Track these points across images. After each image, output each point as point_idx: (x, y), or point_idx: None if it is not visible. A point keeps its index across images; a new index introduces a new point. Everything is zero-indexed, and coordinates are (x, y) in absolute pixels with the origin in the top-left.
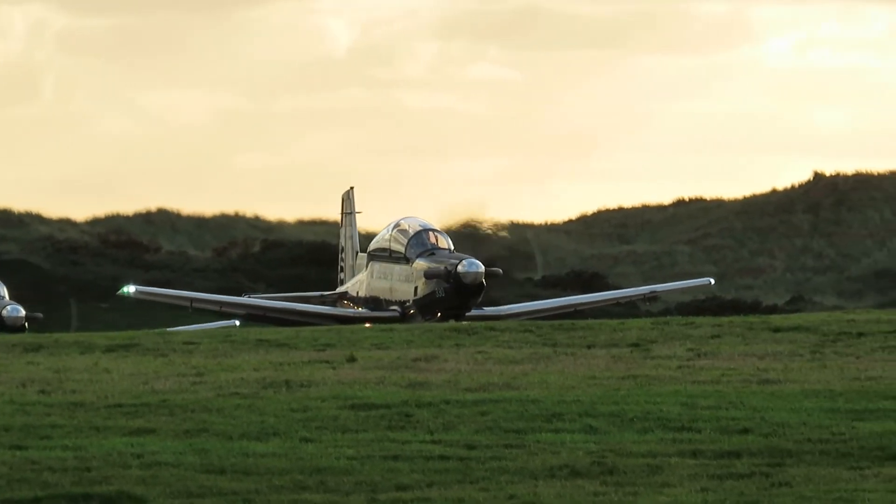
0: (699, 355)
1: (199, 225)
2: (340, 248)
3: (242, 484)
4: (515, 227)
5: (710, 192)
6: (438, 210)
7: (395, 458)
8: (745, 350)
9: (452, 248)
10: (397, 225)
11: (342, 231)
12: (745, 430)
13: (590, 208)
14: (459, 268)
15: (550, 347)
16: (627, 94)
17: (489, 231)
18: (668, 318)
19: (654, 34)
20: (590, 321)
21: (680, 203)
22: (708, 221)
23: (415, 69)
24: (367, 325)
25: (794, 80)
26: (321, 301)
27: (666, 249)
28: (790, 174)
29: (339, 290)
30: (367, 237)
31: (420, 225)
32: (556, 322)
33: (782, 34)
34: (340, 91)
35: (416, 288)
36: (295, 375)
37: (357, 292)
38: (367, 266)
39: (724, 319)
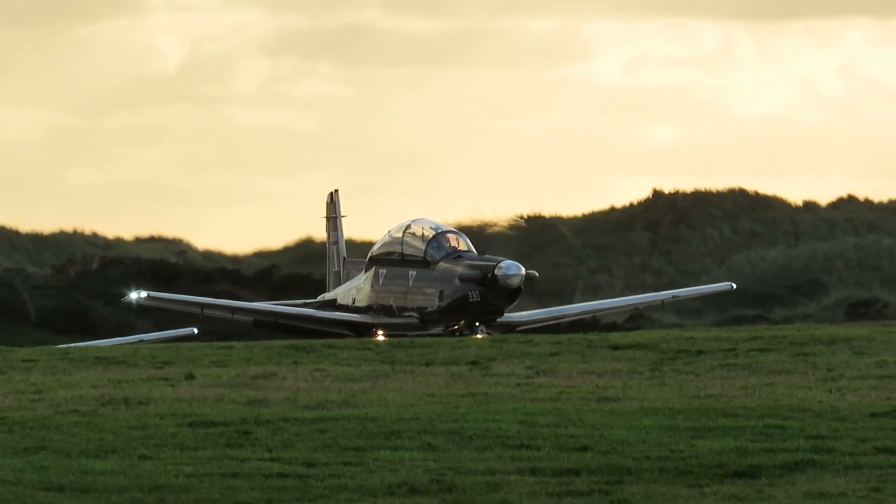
0: (538, 373)
1: (37, 241)
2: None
3: (81, 501)
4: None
5: (548, 209)
6: (278, 225)
7: (234, 475)
8: (584, 368)
9: (473, 248)
10: (408, 227)
11: (328, 236)
12: (584, 448)
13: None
14: (498, 270)
15: (389, 365)
16: (461, 110)
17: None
18: (507, 335)
19: (487, 50)
20: (428, 339)
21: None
22: (546, 239)
23: (245, 86)
24: (381, 333)
25: (630, 97)
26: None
27: None
28: (628, 191)
29: (326, 297)
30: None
31: (436, 227)
32: (395, 340)
33: (615, 51)
34: (171, 107)
35: (441, 292)
36: (133, 393)
37: (353, 300)
38: (366, 271)
39: (563, 337)
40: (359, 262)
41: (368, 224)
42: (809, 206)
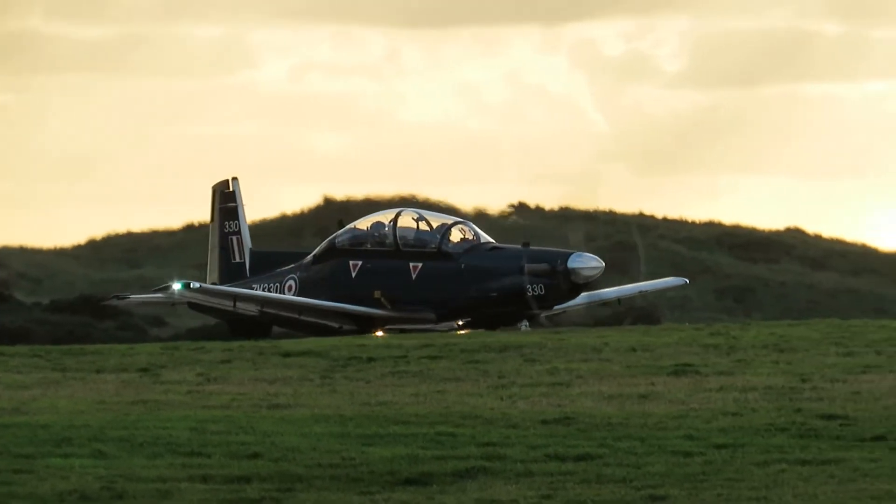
0: (209, 380)
1: None
2: (210, 247)
3: None
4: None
5: None
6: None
7: None
8: (256, 375)
9: (489, 238)
10: (398, 216)
11: (212, 227)
12: (256, 455)
13: (98, 233)
14: (574, 262)
15: (60, 372)
16: (126, 117)
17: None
18: (178, 342)
19: (151, 57)
20: (98, 346)
21: (190, 228)
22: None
23: None
24: (381, 332)
25: (295, 105)
26: None
27: (178, 274)
28: (298, 199)
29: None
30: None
31: (440, 216)
32: (66, 347)
33: (279, 58)
34: None
35: (474, 287)
36: None
37: (291, 292)
38: (316, 263)
39: (235, 344)
40: (273, 252)
41: (42, 232)
42: (481, 214)
